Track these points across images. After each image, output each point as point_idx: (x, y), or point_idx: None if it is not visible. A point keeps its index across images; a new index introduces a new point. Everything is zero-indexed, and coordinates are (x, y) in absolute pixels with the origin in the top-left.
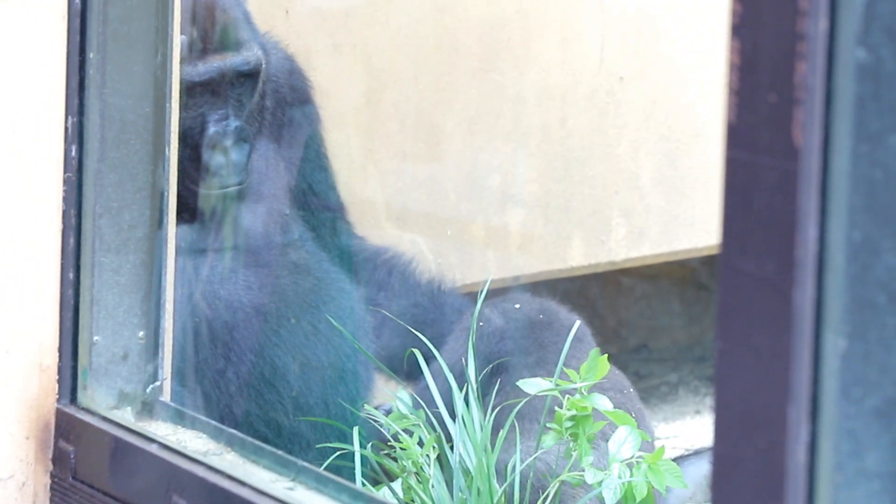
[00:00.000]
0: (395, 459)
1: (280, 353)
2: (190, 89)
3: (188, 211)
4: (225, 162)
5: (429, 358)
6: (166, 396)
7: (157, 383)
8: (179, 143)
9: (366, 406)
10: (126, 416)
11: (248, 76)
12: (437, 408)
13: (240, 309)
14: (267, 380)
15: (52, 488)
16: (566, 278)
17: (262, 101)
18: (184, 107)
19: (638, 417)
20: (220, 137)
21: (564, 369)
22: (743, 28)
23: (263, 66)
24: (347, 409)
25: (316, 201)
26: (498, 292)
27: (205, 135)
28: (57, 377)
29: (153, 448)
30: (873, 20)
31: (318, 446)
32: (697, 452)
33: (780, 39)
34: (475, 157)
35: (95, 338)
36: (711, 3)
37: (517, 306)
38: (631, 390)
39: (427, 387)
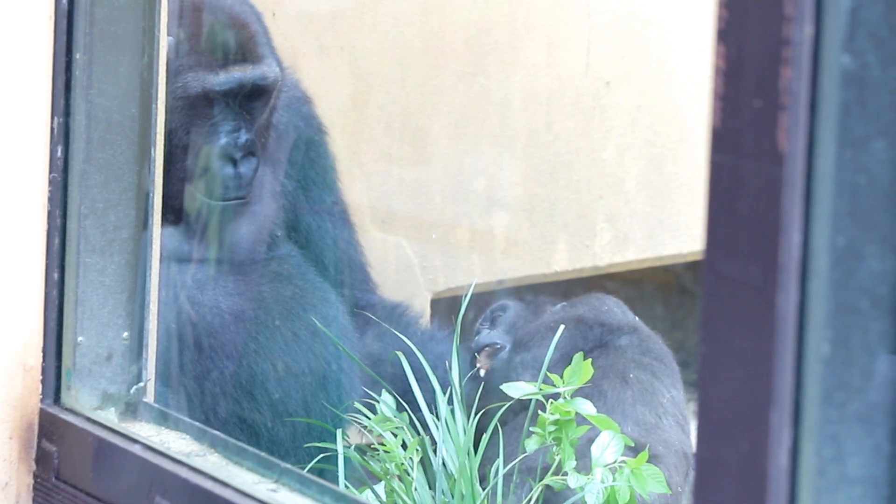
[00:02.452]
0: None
1: (262, 358)
2: (205, 98)
3: (182, 216)
4: (233, 174)
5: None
6: (150, 397)
7: (141, 384)
8: (184, 150)
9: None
10: (109, 416)
11: (264, 91)
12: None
13: (223, 314)
14: (250, 384)
15: (34, 488)
16: (550, 283)
17: (270, 117)
18: (196, 115)
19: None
20: (231, 149)
21: (549, 374)
22: (728, 33)
23: (280, 82)
24: (330, 413)
25: (329, 235)
26: (482, 296)
27: (215, 145)
28: (41, 377)
29: (136, 449)
30: (858, 26)
31: (305, 446)
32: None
33: (765, 45)
34: (461, 161)
35: (79, 338)
36: (697, 8)
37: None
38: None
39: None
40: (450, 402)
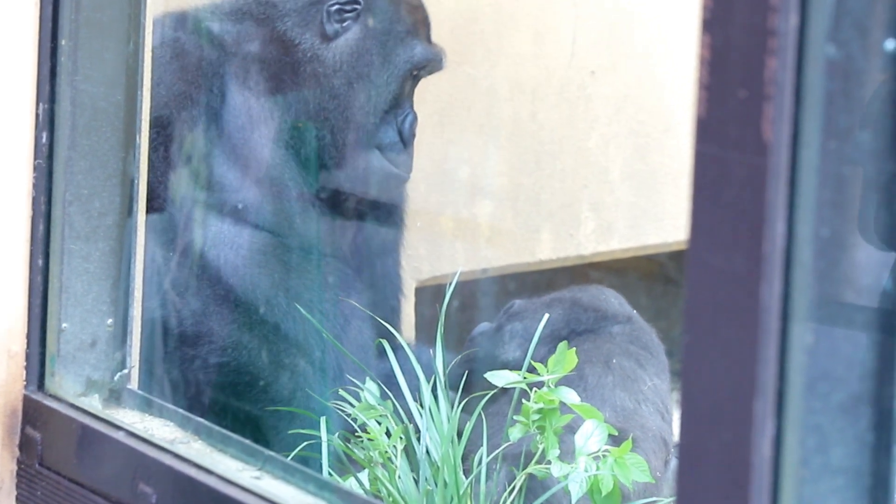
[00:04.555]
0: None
1: (250, 341)
2: (418, 69)
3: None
4: (406, 152)
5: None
6: (134, 384)
7: (125, 371)
8: (379, 115)
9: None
10: (93, 403)
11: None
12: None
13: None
14: (236, 368)
15: (18, 474)
16: (535, 271)
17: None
18: (401, 83)
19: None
20: (415, 126)
21: (534, 363)
22: (714, 23)
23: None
24: (316, 399)
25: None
26: (467, 284)
27: (406, 118)
28: (25, 363)
29: (120, 436)
30: (843, 17)
31: (289, 432)
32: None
33: (750, 35)
34: (446, 150)
35: (64, 325)
36: None
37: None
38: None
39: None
40: (434, 389)
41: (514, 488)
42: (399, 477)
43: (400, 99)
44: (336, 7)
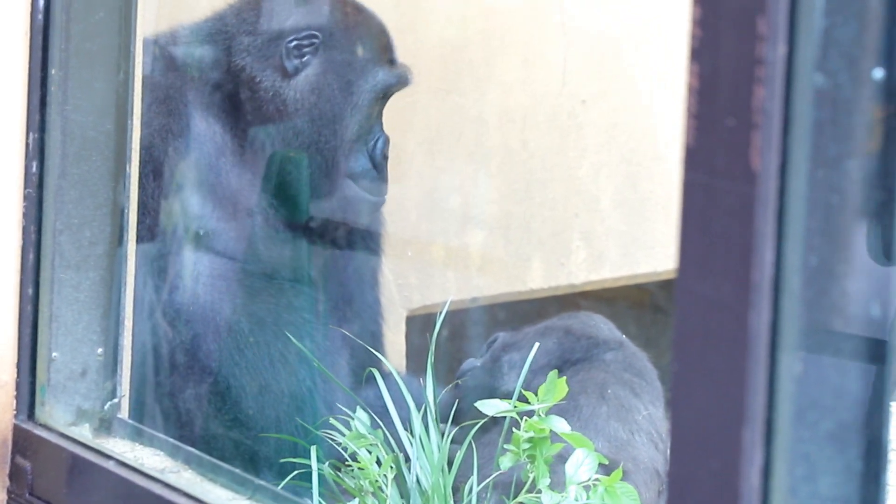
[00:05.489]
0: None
1: (242, 373)
2: (383, 95)
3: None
4: (379, 177)
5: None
6: (124, 413)
7: (116, 400)
8: (348, 145)
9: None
10: (84, 432)
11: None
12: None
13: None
14: (227, 399)
15: None
16: (525, 300)
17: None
18: (367, 111)
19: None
20: (386, 148)
21: (524, 392)
22: (702, 52)
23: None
24: (305, 429)
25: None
26: (457, 314)
27: (377, 143)
28: (14, 393)
29: (110, 465)
30: (831, 46)
31: (280, 461)
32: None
33: (738, 64)
34: (436, 178)
35: (54, 354)
36: (672, 27)
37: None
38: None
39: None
40: (424, 418)
41: None
42: None
43: (369, 124)
44: (294, 43)
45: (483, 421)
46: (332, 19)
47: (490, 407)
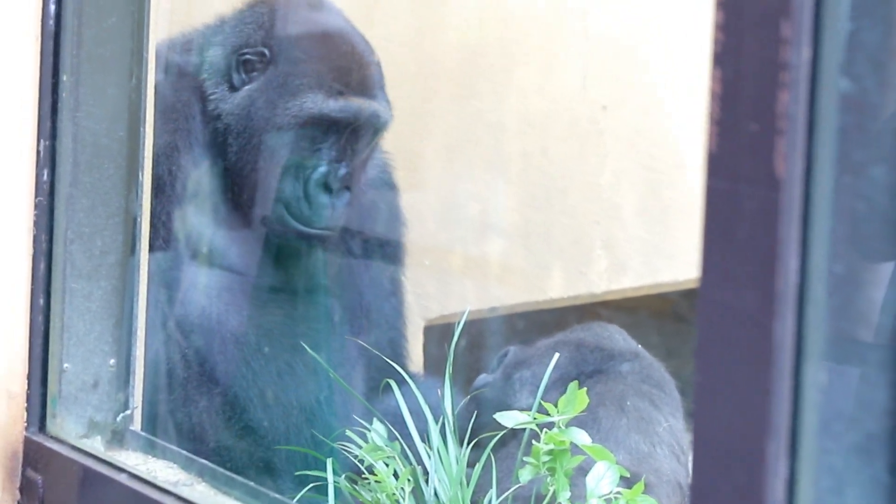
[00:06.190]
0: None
1: (255, 384)
2: (317, 122)
3: (251, 235)
4: (328, 203)
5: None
6: (137, 425)
7: (128, 412)
8: (276, 170)
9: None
10: (96, 445)
11: (374, 129)
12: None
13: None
14: (242, 411)
15: None
16: (545, 310)
17: (367, 159)
18: (301, 138)
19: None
20: (331, 178)
21: (543, 403)
22: (725, 57)
23: (388, 125)
24: (321, 441)
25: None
26: (476, 323)
27: (315, 171)
28: (25, 405)
29: (123, 478)
30: (857, 50)
31: (295, 473)
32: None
33: (762, 68)
34: (454, 186)
35: (65, 365)
36: (694, 31)
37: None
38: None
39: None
40: (442, 431)
41: None
42: None
43: (312, 150)
44: (245, 58)
45: (502, 433)
46: (290, 40)
47: (509, 419)
